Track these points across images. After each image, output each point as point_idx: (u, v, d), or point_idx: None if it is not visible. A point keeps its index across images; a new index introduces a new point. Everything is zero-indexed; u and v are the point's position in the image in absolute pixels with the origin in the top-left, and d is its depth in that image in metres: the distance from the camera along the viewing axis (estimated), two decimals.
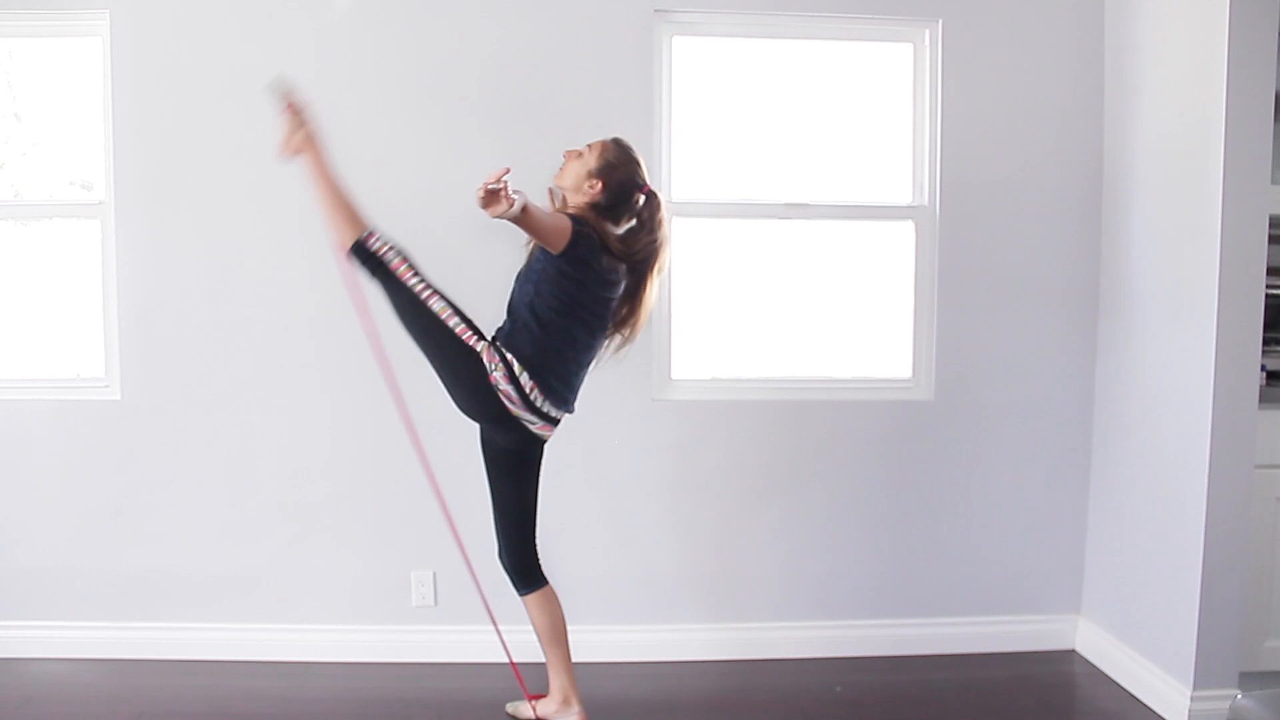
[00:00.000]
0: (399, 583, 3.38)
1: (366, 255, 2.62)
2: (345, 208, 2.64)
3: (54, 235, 3.38)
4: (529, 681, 2.87)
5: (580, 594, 3.37)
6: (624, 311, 2.73)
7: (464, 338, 2.60)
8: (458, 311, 2.63)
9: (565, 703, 2.80)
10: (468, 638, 3.34)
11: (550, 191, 2.80)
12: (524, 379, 2.59)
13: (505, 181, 2.27)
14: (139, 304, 3.29)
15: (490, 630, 3.26)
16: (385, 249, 2.62)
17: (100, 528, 3.33)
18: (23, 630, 3.34)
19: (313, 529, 3.36)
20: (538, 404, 2.62)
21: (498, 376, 2.58)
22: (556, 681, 2.81)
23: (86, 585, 3.34)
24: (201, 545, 3.34)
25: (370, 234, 2.63)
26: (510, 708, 2.95)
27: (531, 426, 2.66)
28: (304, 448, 3.34)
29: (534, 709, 2.85)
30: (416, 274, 2.62)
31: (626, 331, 2.76)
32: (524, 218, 2.36)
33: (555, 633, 2.78)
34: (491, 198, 2.26)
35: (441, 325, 2.60)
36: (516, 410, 2.62)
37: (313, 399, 3.33)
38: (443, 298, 2.62)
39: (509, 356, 2.59)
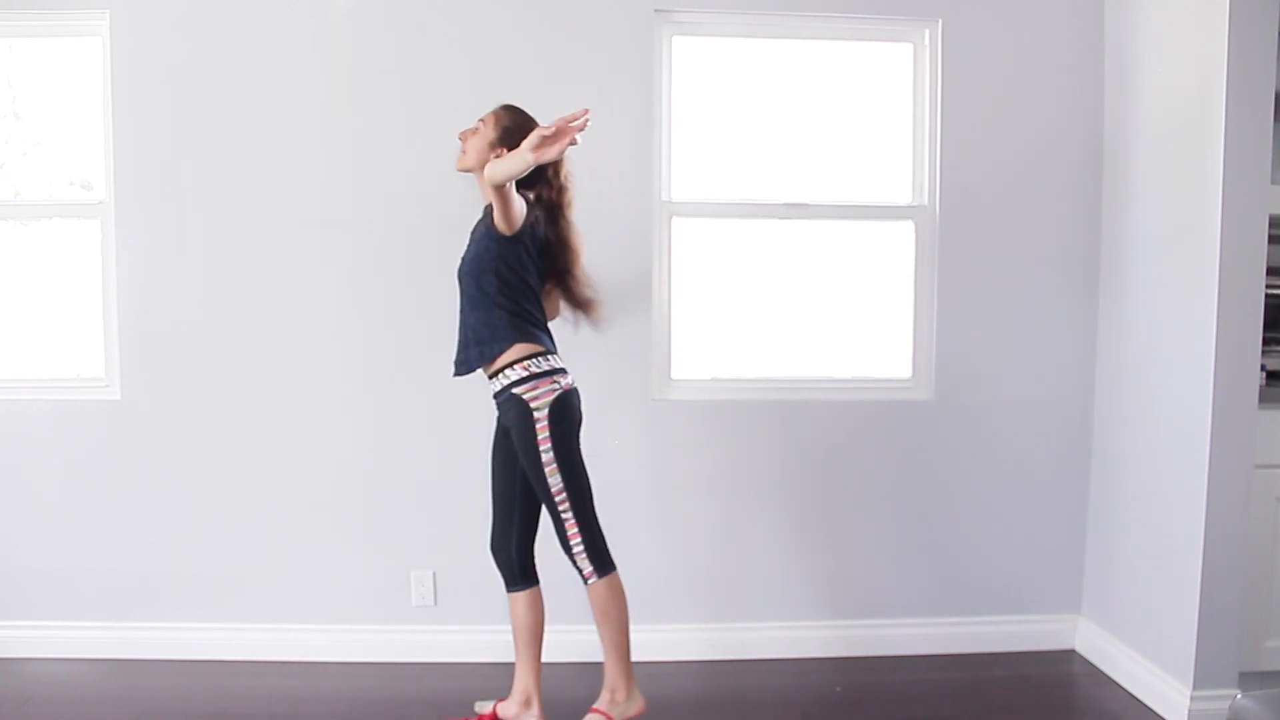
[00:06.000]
0: (399, 583, 3.38)
1: (600, 552, 2.71)
2: (620, 613, 2.76)
3: (54, 235, 3.38)
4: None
5: (579, 594, 3.37)
6: (567, 268, 2.74)
7: (549, 431, 2.61)
8: (542, 453, 2.62)
9: (527, 703, 2.81)
10: (468, 638, 3.34)
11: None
12: (555, 361, 2.66)
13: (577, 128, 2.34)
14: (139, 304, 3.29)
15: (489, 630, 3.27)
16: (590, 546, 2.68)
17: (100, 528, 3.33)
18: (23, 630, 3.34)
19: (313, 529, 3.36)
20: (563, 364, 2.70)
21: (560, 380, 2.64)
22: (523, 682, 2.82)
23: (86, 585, 3.34)
24: (201, 545, 3.35)
25: (602, 570, 2.71)
26: (478, 707, 2.96)
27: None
28: (304, 448, 3.34)
29: (495, 711, 2.87)
30: (561, 508, 2.66)
31: (575, 278, 2.75)
32: (506, 187, 2.45)
33: (537, 632, 2.81)
34: (558, 137, 2.31)
35: (562, 452, 2.63)
36: (574, 382, 2.70)
37: (313, 399, 3.33)
38: (549, 473, 2.63)
39: (539, 363, 2.62)
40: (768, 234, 3.48)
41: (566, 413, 2.64)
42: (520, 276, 2.65)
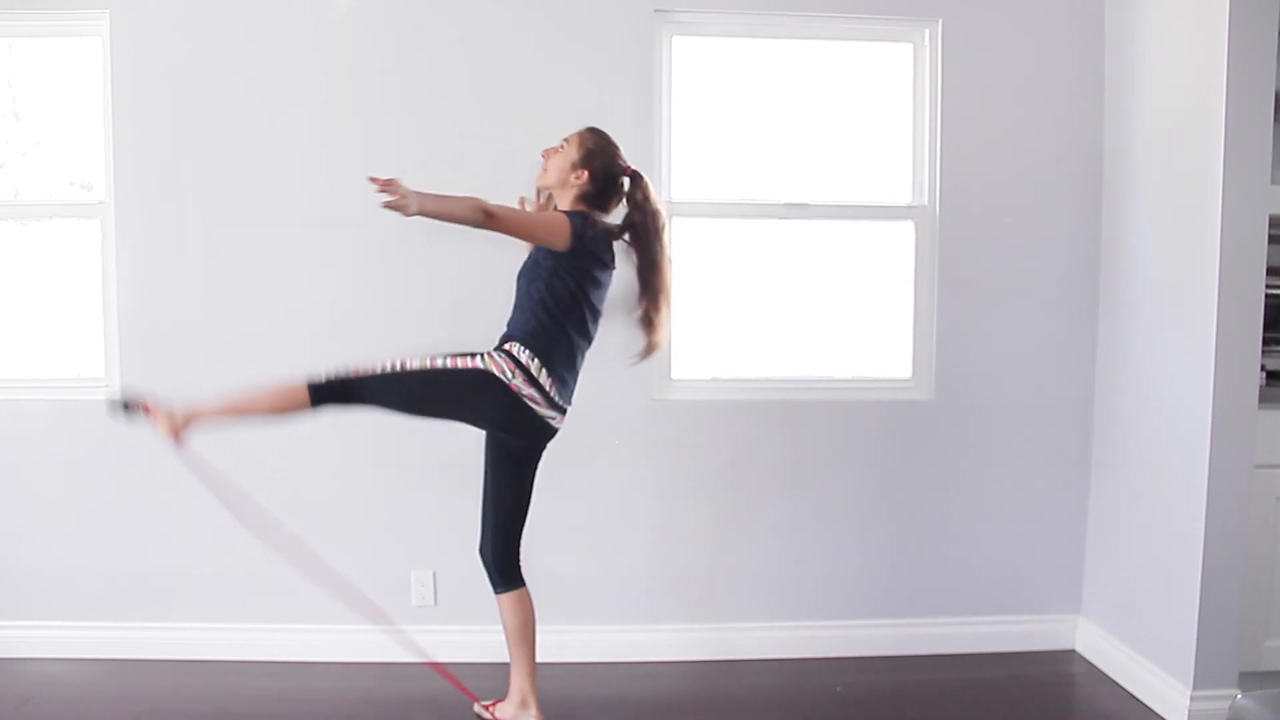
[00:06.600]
0: (399, 583, 3.38)
1: (327, 391, 2.60)
2: (272, 399, 2.61)
3: (54, 235, 3.38)
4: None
5: (579, 594, 3.38)
6: (650, 291, 2.68)
7: (464, 366, 2.58)
8: (440, 355, 2.59)
9: (523, 704, 2.81)
10: (467, 638, 3.34)
11: (532, 194, 2.81)
12: (543, 378, 2.60)
13: (394, 184, 2.31)
14: (139, 304, 3.29)
15: (489, 630, 3.26)
16: (333, 377, 2.61)
17: (100, 528, 3.33)
18: (23, 630, 3.34)
19: (313, 529, 3.35)
20: (555, 399, 2.64)
21: (519, 383, 2.58)
22: (518, 683, 2.81)
23: (86, 585, 3.35)
24: (201, 545, 3.35)
25: (312, 383, 2.60)
26: (477, 707, 2.96)
27: (552, 421, 2.66)
28: (304, 448, 3.34)
29: (491, 712, 2.88)
30: (375, 365, 2.60)
31: (660, 308, 2.69)
32: (495, 220, 2.42)
33: (526, 633, 2.79)
34: (386, 189, 2.29)
35: (437, 374, 2.58)
36: (541, 410, 2.62)
37: None
38: (416, 357, 2.59)
39: (525, 358, 2.59)
40: (768, 234, 3.48)
41: (487, 389, 2.57)
42: (573, 294, 2.61)
